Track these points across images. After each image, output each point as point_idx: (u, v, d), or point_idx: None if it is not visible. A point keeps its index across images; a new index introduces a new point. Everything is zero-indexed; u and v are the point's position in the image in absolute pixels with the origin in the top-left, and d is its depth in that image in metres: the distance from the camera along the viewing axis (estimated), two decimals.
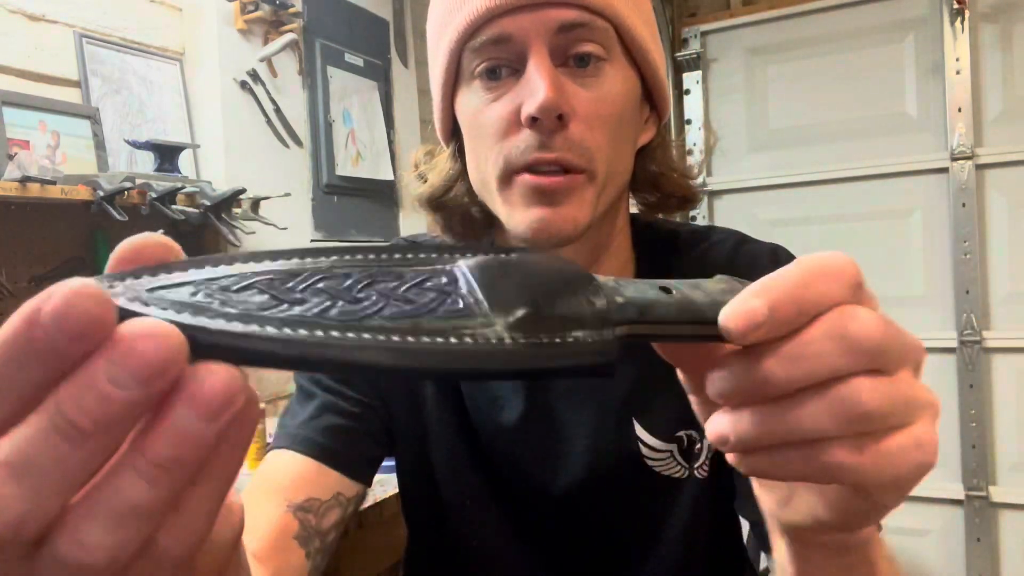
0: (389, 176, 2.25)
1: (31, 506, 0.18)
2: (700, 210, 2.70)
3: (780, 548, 0.37)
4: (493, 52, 0.57)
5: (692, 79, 2.72)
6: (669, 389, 0.66)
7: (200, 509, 0.20)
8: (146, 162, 1.61)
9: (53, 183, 1.29)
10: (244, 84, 1.83)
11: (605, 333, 0.24)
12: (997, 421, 2.34)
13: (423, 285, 0.23)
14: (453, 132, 0.65)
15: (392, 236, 2.28)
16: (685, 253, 0.69)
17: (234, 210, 1.57)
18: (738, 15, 2.67)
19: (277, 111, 1.91)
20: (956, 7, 2.30)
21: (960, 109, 2.34)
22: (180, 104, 1.76)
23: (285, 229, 1.73)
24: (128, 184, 1.37)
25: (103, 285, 0.19)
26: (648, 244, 0.70)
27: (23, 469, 0.18)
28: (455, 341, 0.21)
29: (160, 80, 1.72)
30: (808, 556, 0.35)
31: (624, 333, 0.25)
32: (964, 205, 2.35)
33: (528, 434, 0.65)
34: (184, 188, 1.50)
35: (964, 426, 2.33)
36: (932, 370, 2.30)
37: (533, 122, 0.54)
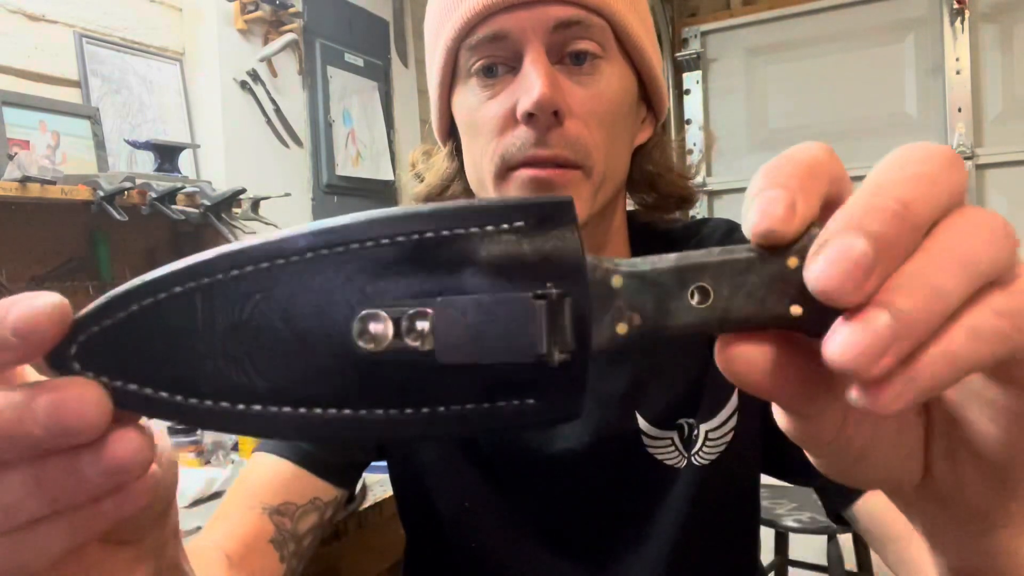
0: (389, 176, 2.25)
1: None
2: (700, 210, 2.70)
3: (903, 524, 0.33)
4: (489, 50, 0.57)
5: (692, 79, 2.73)
6: (668, 378, 0.66)
7: (48, 544, 0.22)
8: (146, 162, 1.61)
9: (53, 183, 1.29)
10: (244, 84, 1.83)
11: (570, 395, 0.21)
12: None
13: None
14: (450, 131, 0.65)
15: None
16: (680, 249, 0.69)
17: (234, 210, 1.57)
18: (738, 15, 2.68)
19: (277, 111, 1.91)
20: (956, 7, 2.30)
21: (960, 109, 2.34)
22: (180, 104, 1.76)
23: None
24: (128, 184, 1.37)
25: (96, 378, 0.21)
26: (645, 243, 0.70)
27: None
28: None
29: (160, 80, 1.72)
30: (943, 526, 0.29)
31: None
32: None
33: (527, 432, 0.65)
34: (184, 188, 1.50)
35: None
36: None
37: (529, 118, 0.54)
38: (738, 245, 0.21)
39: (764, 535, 0.82)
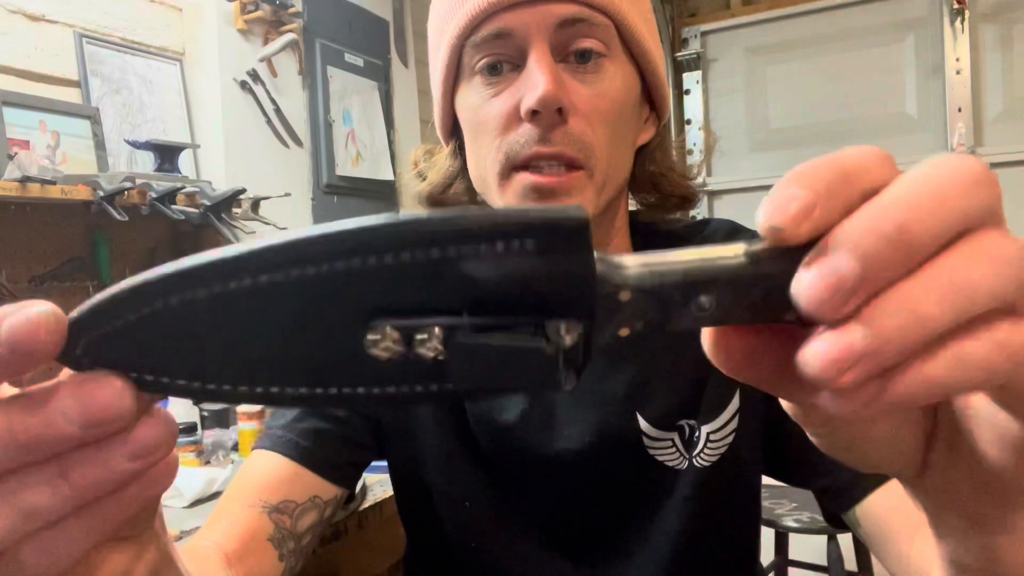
0: (389, 176, 2.25)
1: None
2: (700, 210, 2.70)
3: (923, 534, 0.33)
4: (494, 47, 0.57)
5: (692, 79, 2.73)
6: (670, 380, 0.66)
7: (76, 537, 0.22)
8: (146, 162, 1.61)
9: (53, 183, 1.29)
10: (244, 84, 1.83)
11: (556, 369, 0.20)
12: None
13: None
14: (453, 130, 0.65)
15: None
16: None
17: (234, 210, 1.57)
18: (738, 15, 2.67)
19: (277, 111, 1.91)
20: (956, 7, 2.30)
21: (960, 109, 2.34)
22: (180, 104, 1.76)
23: (285, 229, 1.73)
24: (128, 184, 1.37)
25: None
26: (647, 243, 0.70)
27: None
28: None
29: (160, 80, 1.72)
30: (950, 523, 0.29)
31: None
32: None
33: (528, 432, 0.65)
34: (184, 188, 1.50)
35: None
36: None
37: (533, 115, 0.54)
38: (749, 242, 0.21)
39: (764, 535, 0.82)
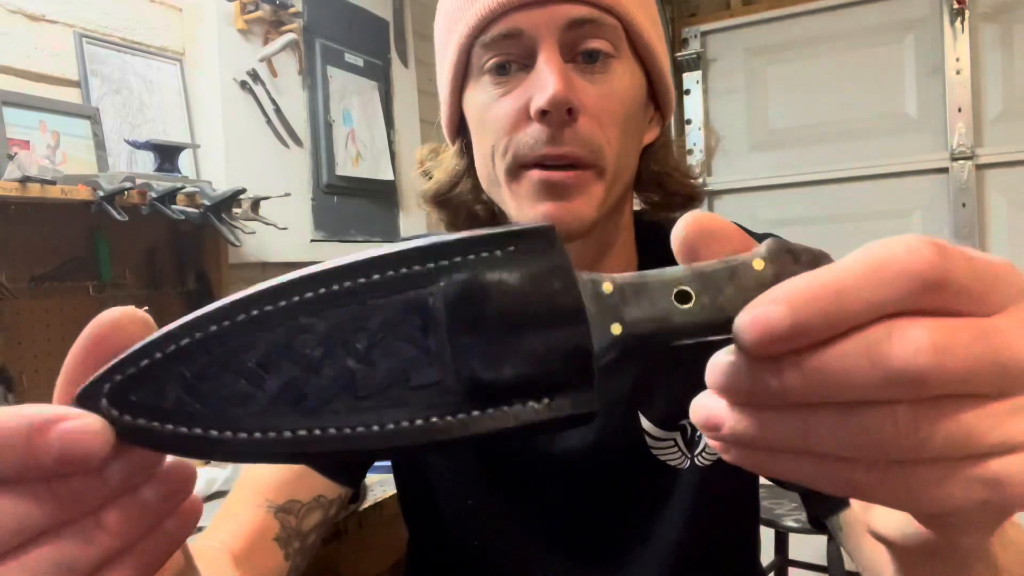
0: (389, 176, 2.25)
1: None
2: (700, 210, 2.70)
3: (877, 548, 0.35)
4: (504, 47, 0.57)
5: (692, 79, 2.73)
6: (672, 379, 0.66)
7: None
8: (146, 162, 1.61)
9: (53, 183, 1.29)
10: (244, 84, 1.83)
11: (582, 391, 0.22)
12: None
13: (392, 338, 0.22)
14: (459, 129, 0.66)
15: (392, 236, 2.28)
16: None
17: (234, 210, 1.57)
18: (738, 15, 2.67)
19: (277, 111, 1.91)
20: (956, 7, 2.30)
21: (960, 109, 2.34)
22: (180, 104, 1.76)
23: (285, 229, 1.73)
24: (128, 184, 1.37)
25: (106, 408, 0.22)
26: (651, 242, 0.70)
27: None
28: (412, 423, 0.22)
29: (160, 80, 1.72)
30: (905, 561, 0.31)
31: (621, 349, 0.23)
32: (964, 205, 2.35)
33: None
34: (184, 188, 1.49)
35: None
36: None
37: (543, 115, 0.55)
38: (758, 282, 0.23)
39: (764, 535, 0.82)
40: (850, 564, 1.83)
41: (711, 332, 0.23)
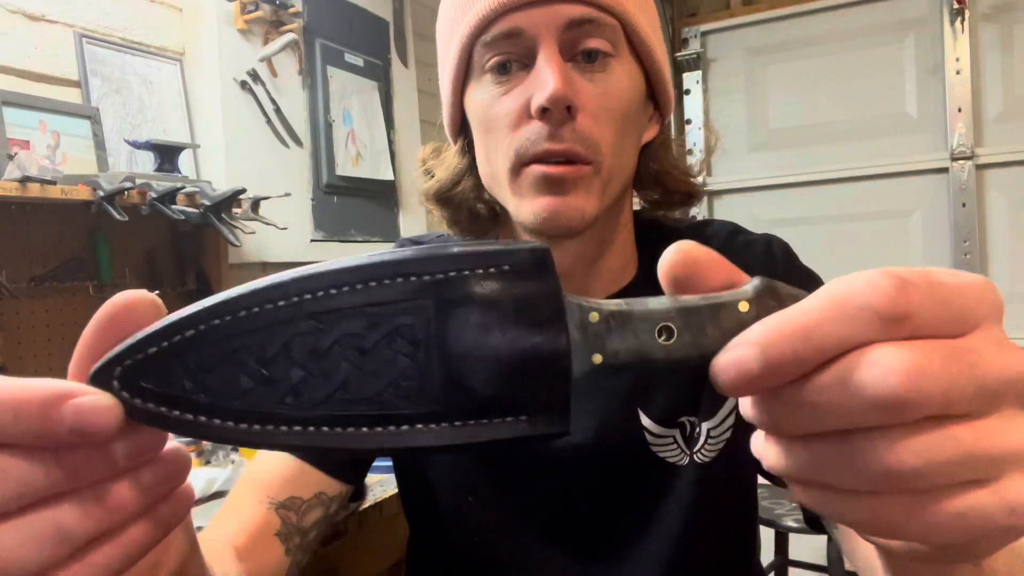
0: (389, 176, 2.25)
1: None
2: (700, 210, 2.70)
3: (870, 547, 0.35)
4: (504, 46, 0.58)
5: (692, 79, 2.73)
6: (671, 378, 0.67)
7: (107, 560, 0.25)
8: (146, 162, 1.61)
9: (53, 183, 1.29)
10: (244, 84, 1.83)
11: (558, 413, 0.24)
12: None
13: (385, 347, 0.24)
14: (461, 128, 0.67)
15: (392, 236, 2.28)
16: None
17: (234, 210, 1.57)
18: (738, 15, 2.67)
19: (277, 111, 1.91)
20: (956, 7, 2.30)
21: (960, 109, 2.34)
22: (180, 104, 1.76)
23: (285, 229, 1.73)
24: (128, 184, 1.37)
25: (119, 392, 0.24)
26: (650, 240, 0.71)
27: None
28: (398, 428, 0.24)
29: (160, 80, 1.72)
30: (894, 562, 0.32)
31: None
32: (964, 205, 2.35)
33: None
34: (184, 188, 1.49)
35: None
36: None
37: (543, 113, 0.56)
38: (740, 321, 0.24)
39: (764, 535, 0.82)
40: (850, 564, 1.83)
41: (687, 367, 0.25)
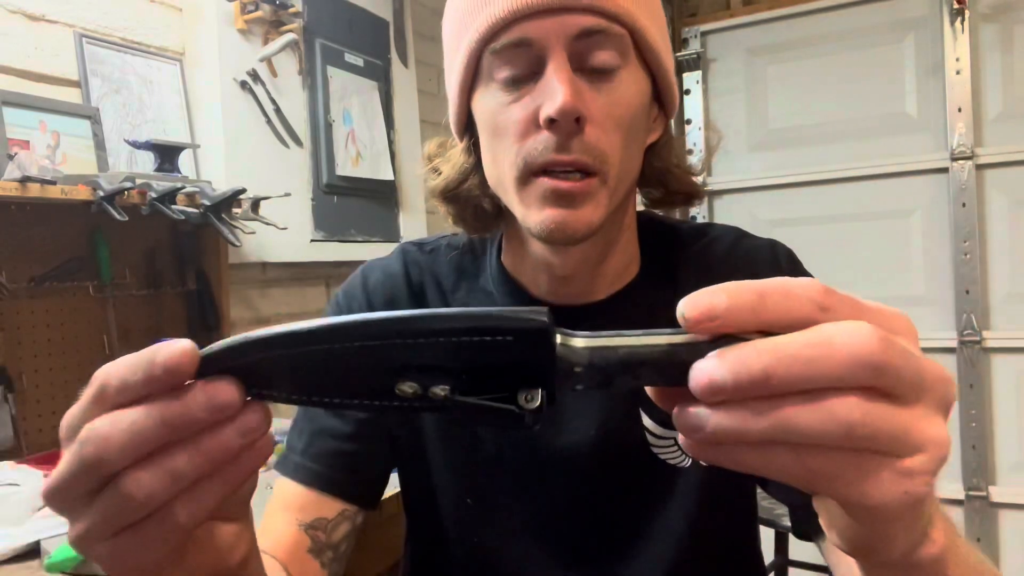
0: (389, 176, 2.25)
1: (117, 456, 0.29)
2: (700, 210, 2.70)
3: (851, 562, 0.37)
4: (513, 55, 0.58)
5: (692, 79, 2.73)
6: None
7: (209, 495, 0.31)
8: (146, 162, 1.61)
9: (53, 183, 1.29)
10: (244, 84, 1.83)
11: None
12: (997, 421, 2.34)
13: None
14: (467, 127, 0.66)
15: (392, 236, 2.28)
16: (686, 249, 0.71)
17: (234, 210, 1.57)
18: (738, 15, 2.67)
19: (277, 111, 1.91)
20: (956, 7, 2.30)
21: (960, 109, 2.34)
22: (180, 104, 1.76)
23: (285, 229, 1.73)
24: (128, 184, 1.37)
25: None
26: (652, 240, 0.71)
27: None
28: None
29: (160, 80, 1.72)
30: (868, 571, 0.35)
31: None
32: (964, 205, 2.35)
33: (533, 430, 0.66)
34: (184, 188, 1.49)
35: (964, 426, 2.33)
36: None
37: (551, 124, 0.55)
38: (671, 334, 0.28)
39: (764, 535, 0.82)
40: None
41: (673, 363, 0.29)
